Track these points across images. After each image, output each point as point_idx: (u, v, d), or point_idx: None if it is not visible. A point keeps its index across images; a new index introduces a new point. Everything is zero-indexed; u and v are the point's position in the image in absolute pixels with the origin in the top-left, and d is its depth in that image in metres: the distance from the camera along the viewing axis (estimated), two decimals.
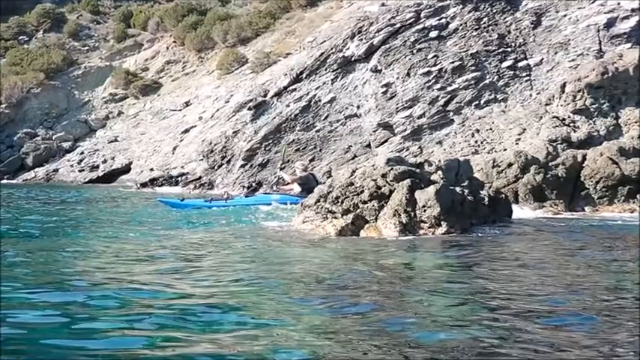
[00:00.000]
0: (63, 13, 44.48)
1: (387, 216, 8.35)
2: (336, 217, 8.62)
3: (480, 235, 8.29)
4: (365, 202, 8.64)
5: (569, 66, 18.72)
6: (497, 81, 19.48)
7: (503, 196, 9.40)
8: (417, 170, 9.00)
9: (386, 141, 20.14)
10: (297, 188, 13.43)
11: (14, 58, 39.53)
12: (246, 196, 14.09)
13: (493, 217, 8.98)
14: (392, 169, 8.81)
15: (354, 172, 9.18)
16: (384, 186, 8.68)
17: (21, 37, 42.87)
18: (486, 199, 8.92)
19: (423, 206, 8.25)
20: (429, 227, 8.23)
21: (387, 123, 20.14)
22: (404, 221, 8.24)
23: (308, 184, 13.25)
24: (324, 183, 14.15)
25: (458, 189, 8.68)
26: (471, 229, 8.47)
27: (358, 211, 8.62)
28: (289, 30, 36.66)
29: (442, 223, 8.17)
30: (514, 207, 10.41)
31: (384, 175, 8.78)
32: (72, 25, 43.14)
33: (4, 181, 33.02)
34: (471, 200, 8.60)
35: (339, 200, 8.74)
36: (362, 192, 8.73)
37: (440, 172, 9.11)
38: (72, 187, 28.99)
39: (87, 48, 41.94)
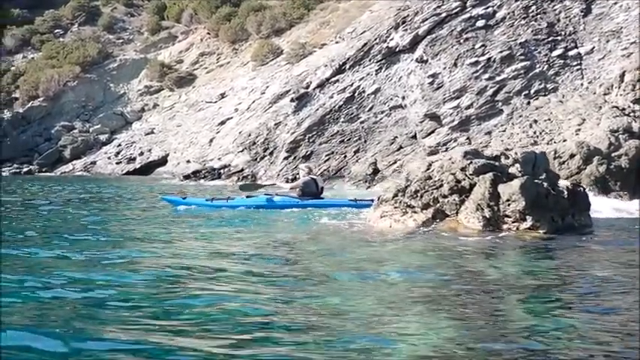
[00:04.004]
0: (97, 6, 44.80)
1: (469, 210, 8.19)
2: (415, 212, 8.49)
3: (567, 234, 8.08)
4: (445, 196, 8.49)
5: (622, 54, 18.33)
6: (547, 70, 19.16)
7: (581, 189, 9.17)
8: (496, 163, 8.82)
9: (433, 132, 19.93)
10: (298, 192, 13.27)
11: (50, 52, 39.87)
12: (247, 197, 13.60)
13: (572, 211, 8.76)
14: (471, 162, 8.64)
15: (430, 165, 9.02)
16: (464, 179, 8.52)
17: (56, 31, 43.27)
18: (565, 192, 8.71)
19: (507, 200, 8.08)
20: (513, 222, 8.06)
21: (433, 114, 19.92)
22: (487, 215, 8.08)
23: (308, 188, 13.10)
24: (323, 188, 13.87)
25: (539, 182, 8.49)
26: (555, 224, 8.28)
27: (438, 205, 8.48)
28: (324, 20, 36.54)
29: (527, 217, 8.00)
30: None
31: (463, 169, 8.61)
32: (106, 18, 43.42)
33: (43, 174, 33.40)
34: (554, 194, 8.41)
35: (418, 194, 8.60)
36: (441, 186, 8.58)
37: (517, 165, 8.92)
38: (111, 179, 29.20)
39: (122, 41, 42.19)
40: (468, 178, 8.54)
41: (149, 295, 4.98)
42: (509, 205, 8.08)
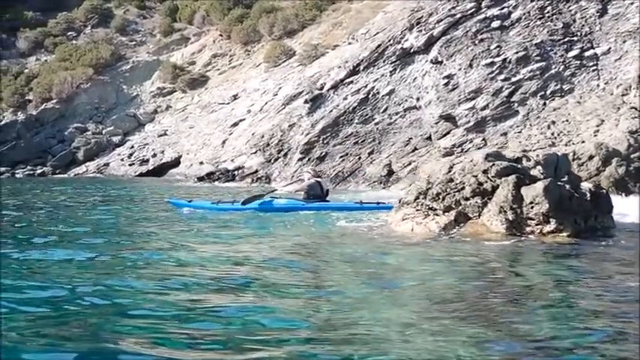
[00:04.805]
0: (110, 8, 44.92)
1: (491, 213, 8.14)
2: (437, 214, 8.45)
3: (591, 237, 7.99)
4: (467, 199, 8.44)
5: (639, 55, 18.22)
6: (564, 71, 19.07)
7: (604, 191, 9.10)
8: (518, 166, 8.77)
9: (448, 133, 19.85)
10: (301, 194, 13.11)
11: (63, 54, 40.01)
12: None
13: (595, 213, 8.71)
14: (493, 164, 8.60)
15: (451, 167, 8.99)
16: (486, 182, 8.47)
17: (69, 33, 43.44)
18: (588, 194, 8.65)
19: (530, 203, 8.02)
20: (536, 224, 8.01)
21: (449, 115, 19.85)
22: (510, 218, 8.03)
23: (313, 191, 12.91)
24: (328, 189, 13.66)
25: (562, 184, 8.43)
26: (577, 226, 8.21)
27: (460, 207, 8.43)
28: (336, 22, 36.51)
29: (550, 220, 7.95)
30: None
31: (485, 171, 8.57)
32: (119, 20, 43.56)
33: (57, 175, 33.50)
34: (577, 196, 8.35)
35: (440, 197, 8.56)
36: (463, 188, 8.53)
37: (539, 167, 8.87)
38: (124, 180, 29.25)
39: (134, 43, 42.31)
40: (490, 180, 8.49)
41: (173, 304, 4.90)
42: (532, 207, 8.03)
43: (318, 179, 13.37)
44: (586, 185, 9.06)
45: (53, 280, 5.68)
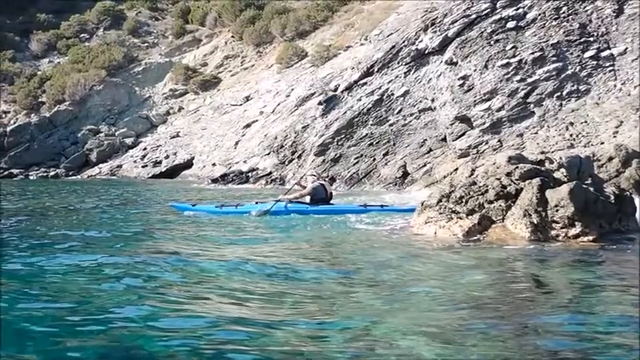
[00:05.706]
0: (122, 10, 45.11)
1: (516, 216, 8.07)
2: (460, 218, 8.39)
3: (616, 241, 7.87)
4: (491, 202, 8.37)
5: None
6: (580, 71, 18.93)
7: (627, 193, 9.01)
8: (542, 168, 8.70)
9: (463, 134, 19.75)
10: (307, 198, 13.00)
11: (76, 56, 40.22)
12: (257, 203, 13.21)
13: (619, 216, 8.62)
14: (517, 167, 8.53)
15: (474, 170, 8.93)
16: (510, 185, 8.40)
17: (82, 35, 43.68)
18: (612, 197, 8.56)
19: (555, 206, 7.94)
20: (561, 228, 7.92)
21: (464, 116, 19.75)
22: (535, 222, 7.95)
23: (317, 195, 12.79)
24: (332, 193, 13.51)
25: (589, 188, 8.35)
26: (602, 229, 8.12)
27: (484, 211, 8.36)
28: (348, 23, 36.49)
29: (576, 223, 7.86)
30: None
31: (508, 174, 8.50)
32: (131, 22, 43.76)
33: (70, 177, 33.61)
34: (602, 199, 8.27)
35: (463, 200, 8.49)
36: (486, 191, 8.47)
37: (563, 170, 8.79)
38: (137, 182, 29.29)
39: (146, 44, 42.48)
40: (514, 183, 8.42)
41: (202, 314, 4.79)
42: (557, 210, 7.94)
43: (322, 182, 13.29)
44: (609, 188, 8.97)
45: (71, 291, 5.57)
